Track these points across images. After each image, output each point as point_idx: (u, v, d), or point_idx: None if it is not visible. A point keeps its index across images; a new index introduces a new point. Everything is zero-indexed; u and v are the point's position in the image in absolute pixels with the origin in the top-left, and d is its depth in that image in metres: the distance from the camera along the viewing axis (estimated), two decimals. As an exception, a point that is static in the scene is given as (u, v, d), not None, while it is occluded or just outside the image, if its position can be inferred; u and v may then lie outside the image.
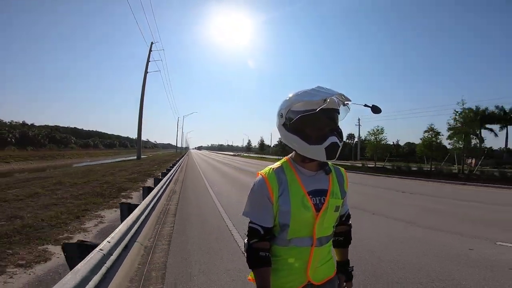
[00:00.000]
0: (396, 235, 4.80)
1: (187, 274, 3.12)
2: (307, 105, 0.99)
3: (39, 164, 33.78)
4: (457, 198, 10.02)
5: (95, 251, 2.20)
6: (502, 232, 5.12)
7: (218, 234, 4.68)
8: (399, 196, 10.22)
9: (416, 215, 6.60)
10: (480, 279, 3.13)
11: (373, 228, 5.20)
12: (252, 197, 1.10)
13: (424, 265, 3.50)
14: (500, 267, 3.47)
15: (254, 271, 1.06)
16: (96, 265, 2.07)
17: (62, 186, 9.31)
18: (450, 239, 4.65)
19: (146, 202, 4.80)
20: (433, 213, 6.96)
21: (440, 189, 13.14)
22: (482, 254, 3.92)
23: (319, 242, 1.08)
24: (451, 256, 3.83)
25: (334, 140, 1.00)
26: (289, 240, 1.06)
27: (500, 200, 9.87)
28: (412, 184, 14.76)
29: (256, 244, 1.06)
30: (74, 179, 11.44)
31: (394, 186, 13.46)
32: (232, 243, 4.21)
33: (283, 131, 1.08)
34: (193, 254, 3.77)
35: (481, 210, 7.76)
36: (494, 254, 3.93)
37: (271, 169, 1.11)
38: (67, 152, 54.16)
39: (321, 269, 1.12)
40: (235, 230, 4.83)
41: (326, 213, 1.06)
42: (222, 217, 5.85)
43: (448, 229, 5.24)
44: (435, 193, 11.20)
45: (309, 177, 1.09)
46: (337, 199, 1.10)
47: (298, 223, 1.04)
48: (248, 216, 1.10)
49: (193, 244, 4.16)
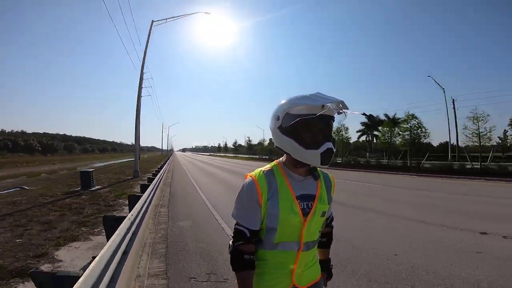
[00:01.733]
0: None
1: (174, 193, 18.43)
2: (306, 109, 1.00)
3: (71, 165, 45.99)
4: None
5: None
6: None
7: (187, 182, 19.94)
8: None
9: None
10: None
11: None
12: (240, 199, 1.10)
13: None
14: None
15: (236, 273, 1.05)
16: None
17: (127, 168, 24.32)
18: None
19: (161, 173, 19.23)
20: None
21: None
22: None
23: (306, 246, 1.09)
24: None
25: (329, 146, 1.01)
26: (276, 244, 1.07)
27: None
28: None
29: (241, 246, 1.06)
30: (128, 168, 26.44)
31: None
32: (192, 187, 19.44)
33: (278, 133, 1.08)
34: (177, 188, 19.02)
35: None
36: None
37: (261, 171, 1.11)
38: (77, 156, 67.69)
39: (307, 273, 1.14)
40: (194, 182, 19.88)
41: (313, 218, 1.08)
42: (188, 175, 21.09)
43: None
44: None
45: (298, 181, 1.10)
46: (324, 204, 1.12)
47: (285, 227, 1.05)
48: (235, 218, 1.10)
49: (176, 184, 19.39)
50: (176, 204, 7.89)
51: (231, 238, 1.11)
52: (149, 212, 5.11)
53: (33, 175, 20.35)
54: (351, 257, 3.74)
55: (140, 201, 4.31)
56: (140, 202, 4.23)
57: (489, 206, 7.42)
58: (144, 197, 4.76)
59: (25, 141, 65.17)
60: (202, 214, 6.49)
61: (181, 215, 6.38)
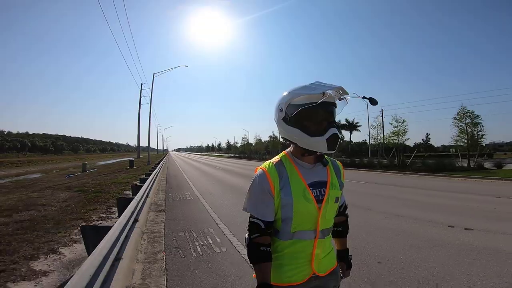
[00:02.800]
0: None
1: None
2: (307, 98, 1.02)
3: (89, 161, 49.31)
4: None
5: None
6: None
7: (176, 168, 31.55)
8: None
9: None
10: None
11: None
12: (253, 191, 1.10)
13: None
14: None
15: (254, 265, 1.06)
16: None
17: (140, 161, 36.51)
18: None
19: (164, 161, 30.18)
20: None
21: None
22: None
23: (322, 234, 1.10)
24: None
25: (334, 132, 1.03)
26: (292, 234, 1.07)
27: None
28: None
29: (257, 239, 1.07)
30: (140, 162, 38.53)
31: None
32: (180, 171, 31.15)
33: (283, 125, 1.10)
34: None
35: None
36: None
37: (271, 163, 1.12)
38: (82, 156, 76.11)
39: (324, 260, 1.14)
40: (180, 168, 30.23)
41: (328, 205, 1.09)
42: (176, 164, 32.49)
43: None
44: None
45: (308, 169, 1.11)
46: (336, 190, 1.13)
47: (300, 215, 1.06)
48: (249, 211, 1.11)
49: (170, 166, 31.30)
50: (170, 175, 17.76)
51: (247, 231, 1.11)
52: (159, 175, 15.42)
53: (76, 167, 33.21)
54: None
55: (154, 171, 13.93)
56: (155, 172, 13.78)
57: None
58: (156, 170, 14.45)
59: (44, 142, 75.92)
60: (180, 177, 16.01)
61: (172, 177, 16.11)
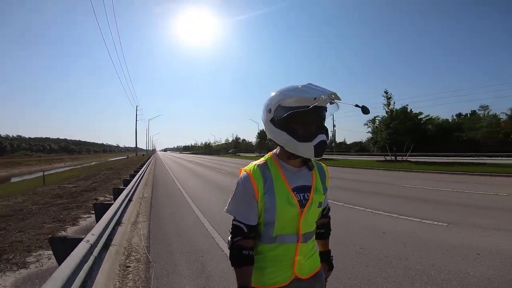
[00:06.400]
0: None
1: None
2: (298, 101, 0.99)
3: (98, 160, 60.81)
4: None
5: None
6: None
7: (160, 161, 45.90)
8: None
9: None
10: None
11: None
12: (236, 194, 1.09)
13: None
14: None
15: (236, 269, 1.05)
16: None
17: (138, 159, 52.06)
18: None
19: (152, 158, 42.09)
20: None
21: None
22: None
23: (304, 238, 1.09)
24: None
25: (323, 138, 1.01)
26: (274, 237, 1.07)
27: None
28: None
29: (240, 242, 1.06)
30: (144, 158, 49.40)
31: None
32: (163, 162, 45.59)
33: (270, 126, 1.07)
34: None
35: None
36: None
37: (255, 165, 1.10)
38: (86, 156, 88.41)
39: (307, 263, 1.13)
40: (164, 161, 41.65)
41: (310, 209, 1.08)
42: (161, 158, 47.35)
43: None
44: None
45: (293, 173, 1.10)
46: (320, 195, 1.12)
47: (283, 220, 1.05)
48: (232, 214, 1.10)
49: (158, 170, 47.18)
50: (155, 164, 29.38)
51: (229, 234, 1.11)
52: (150, 165, 27.78)
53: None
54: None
55: (145, 165, 27.08)
56: (145, 166, 27.26)
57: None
58: (148, 162, 27.53)
59: (66, 143, 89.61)
60: (163, 167, 26.18)
61: (157, 165, 27.75)
